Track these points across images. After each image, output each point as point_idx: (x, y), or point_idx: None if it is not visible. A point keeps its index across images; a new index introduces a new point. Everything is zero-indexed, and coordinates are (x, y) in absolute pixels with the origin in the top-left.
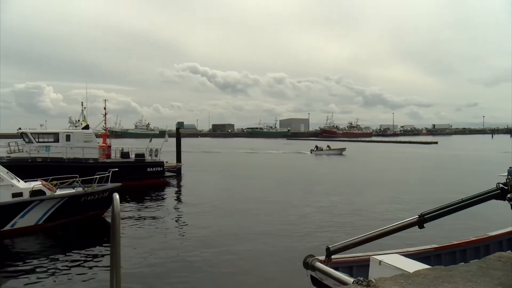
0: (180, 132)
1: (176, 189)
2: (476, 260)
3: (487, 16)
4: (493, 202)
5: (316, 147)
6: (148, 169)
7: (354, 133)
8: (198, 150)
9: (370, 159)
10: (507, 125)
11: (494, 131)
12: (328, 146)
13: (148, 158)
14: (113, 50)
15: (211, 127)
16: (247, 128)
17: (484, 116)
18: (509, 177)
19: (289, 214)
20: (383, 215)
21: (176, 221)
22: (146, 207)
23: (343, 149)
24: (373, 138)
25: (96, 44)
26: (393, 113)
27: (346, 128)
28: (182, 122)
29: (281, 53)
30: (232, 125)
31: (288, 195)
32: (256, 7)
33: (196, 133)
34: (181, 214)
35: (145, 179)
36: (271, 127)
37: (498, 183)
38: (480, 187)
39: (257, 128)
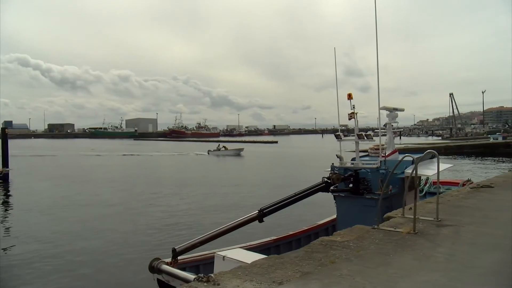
0: (8, 133)
1: (1, 197)
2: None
3: (318, 29)
4: (321, 193)
5: (221, 146)
6: None
7: (203, 133)
8: (31, 153)
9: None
10: (334, 126)
11: (323, 131)
12: (224, 146)
13: None
14: None
15: (47, 127)
16: (90, 128)
17: (316, 118)
18: (331, 172)
19: (135, 218)
20: (230, 212)
21: None
22: None
23: (241, 150)
24: (221, 138)
25: None
26: (238, 114)
27: (195, 128)
28: (11, 121)
29: (126, 50)
30: (72, 125)
31: (134, 198)
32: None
33: (28, 134)
34: (6, 227)
35: None
36: (117, 127)
37: (323, 177)
38: (312, 181)
39: (100, 128)
